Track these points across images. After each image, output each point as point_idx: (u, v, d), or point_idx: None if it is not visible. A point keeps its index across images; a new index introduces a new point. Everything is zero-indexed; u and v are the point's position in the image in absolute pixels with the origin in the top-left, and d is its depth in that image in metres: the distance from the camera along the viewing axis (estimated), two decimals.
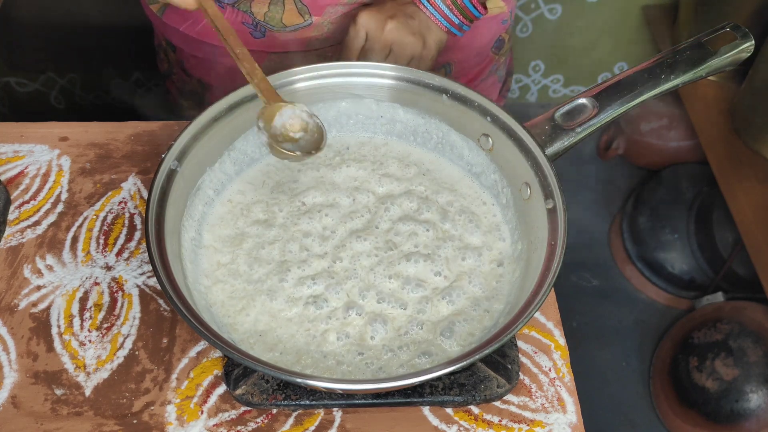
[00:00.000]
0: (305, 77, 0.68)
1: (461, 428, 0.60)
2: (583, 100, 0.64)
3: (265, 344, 0.59)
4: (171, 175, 0.61)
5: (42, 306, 0.66)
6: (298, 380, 0.51)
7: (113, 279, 0.68)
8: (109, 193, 0.75)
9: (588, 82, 1.90)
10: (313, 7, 0.80)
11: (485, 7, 0.78)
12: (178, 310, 0.52)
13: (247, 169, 0.70)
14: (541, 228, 0.59)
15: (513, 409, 0.61)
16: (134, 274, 0.69)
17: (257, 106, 0.67)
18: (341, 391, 0.59)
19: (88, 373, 0.62)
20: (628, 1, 1.71)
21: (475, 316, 0.62)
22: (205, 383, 0.62)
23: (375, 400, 0.60)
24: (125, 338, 0.64)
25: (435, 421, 0.60)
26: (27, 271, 0.68)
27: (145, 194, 0.75)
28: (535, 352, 0.64)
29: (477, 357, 0.51)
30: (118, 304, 0.67)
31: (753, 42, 0.66)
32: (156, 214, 0.58)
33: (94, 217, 0.73)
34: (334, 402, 0.60)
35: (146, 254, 0.70)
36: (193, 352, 0.64)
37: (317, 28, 0.81)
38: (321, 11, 0.80)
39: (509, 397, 0.61)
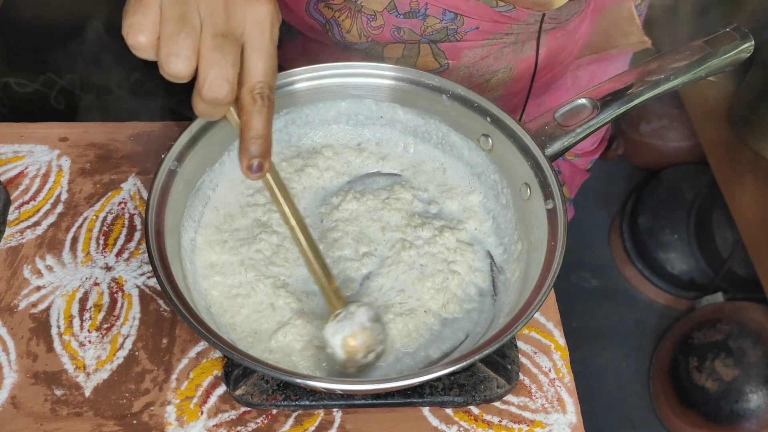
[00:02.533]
0: (305, 77, 0.67)
1: (461, 428, 0.60)
2: (582, 101, 0.64)
3: (264, 344, 0.60)
4: (171, 175, 0.60)
5: (42, 306, 0.66)
6: (298, 380, 0.51)
7: (113, 279, 0.68)
8: (109, 194, 0.75)
9: None
10: (450, 51, 0.74)
11: None
12: (177, 310, 0.52)
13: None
14: (541, 228, 0.59)
15: (513, 409, 0.61)
16: (134, 275, 0.69)
17: None
18: (341, 392, 0.59)
19: (88, 374, 0.62)
20: None
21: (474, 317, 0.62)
22: (205, 384, 0.62)
23: (375, 401, 0.60)
24: (125, 339, 0.64)
25: (435, 422, 0.60)
26: (27, 272, 0.68)
27: (145, 194, 0.75)
28: (535, 353, 0.64)
29: (477, 357, 0.51)
30: (118, 305, 0.67)
31: (753, 42, 0.66)
32: (156, 214, 0.58)
33: (94, 217, 0.73)
34: (333, 402, 0.60)
35: (146, 255, 0.70)
36: (192, 353, 0.64)
37: (453, 73, 0.77)
38: (458, 55, 0.75)
39: (509, 397, 0.61)
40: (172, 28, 0.46)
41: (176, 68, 0.46)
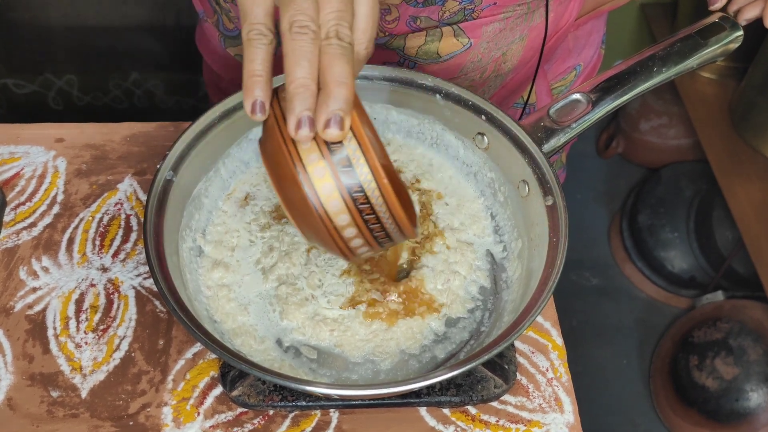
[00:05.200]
0: None
1: (458, 429, 0.60)
2: (577, 96, 0.64)
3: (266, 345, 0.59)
4: (167, 185, 0.60)
5: (38, 308, 0.66)
6: (293, 385, 0.51)
7: (109, 280, 0.68)
8: (105, 194, 0.75)
9: None
10: (469, 29, 0.74)
11: None
12: (171, 309, 0.52)
13: (242, 176, 0.69)
14: (541, 225, 0.59)
15: (510, 409, 0.61)
16: (130, 276, 0.68)
17: None
18: (338, 397, 0.59)
19: (84, 375, 0.62)
20: None
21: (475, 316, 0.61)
22: (202, 385, 0.62)
23: (372, 402, 0.59)
24: (121, 340, 0.64)
25: (432, 422, 0.60)
26: (23, 273, 0.68)
27: (141, 195, 0.75)
28: (533, 352, 0.64)
29: (479, 361, 0.51)
30: (114, 306, 0.66)
31: (742, 32, 0.66)
32: (154, 225, 0.57)
33: (90, 218, 0.73)
34: (330, 403, 0.59)
35: (142, 255, 0.70)
36: (189, 354, 0.63)
37: (474, 51, 0.76)
38: (478, 33, 0.74)
39: (506, 397, 0.61)
40: None
41: None
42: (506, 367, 0.61)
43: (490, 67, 0.79)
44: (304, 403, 0.59)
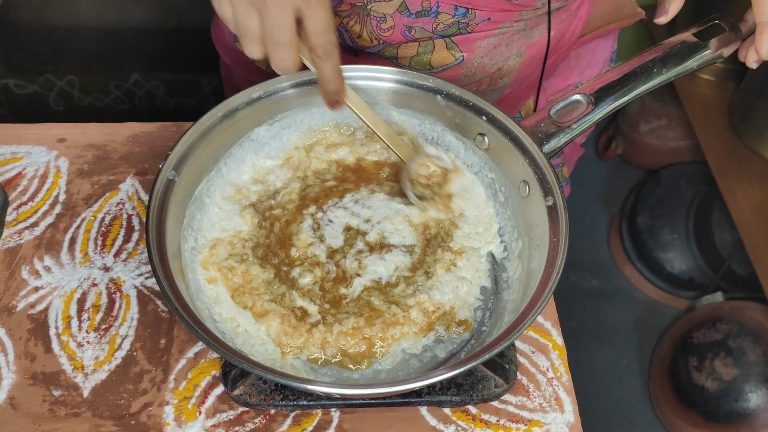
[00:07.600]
0: (299, 82, 0.67)
1: (459, 428, 0.60)
2: (577, 97, 0.64)
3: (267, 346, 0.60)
4: (169, 185, 0.60)
5: (40, 307, 0.66)
6: (295, 384, 0.51)
7: (111, 280, 0.68)
8: (107, 194, 0.75)
9: None
10: (463, 43, 0.74)
11: None
12: (173, 308, 0.52)
13: (243, 176, 0.70)
14: (542, 225, 0.60)
15: (511, 408, 0.61)
16: (132, 275, 0.69)
17: (251, 112, 0.66)
18: (339, 396, 0.59)
19: (86, 374, 0.62)
20: None
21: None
22: (203, 384, 0.62)
23: (373, 401, 0.60)
24: (123, 339, 0.64)
25: (433, 421, 0.60)
26: (25, 273, 0.68)
27: (142, 195, 0.75)
28: (533, 352, 0.64)
29: (479, 360, 0.51)
30: (116, 305, 0.67)
31: (742, 33, 0.66)
32: (156, 225, 0.58)
33: (92, 218, 0.73)
34: (331, 402, 0.60)
35: (144, 255, 0.70)
36: (191, 353, 0.64)
37: (467, 65, 0.77)
38: (472, 47, 0.75)
39: (507, 396, 0.61)
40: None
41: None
42: (507, 366, 0.61)
43: (485, 81, 0.79)
44: (305, 403, 0.59)
